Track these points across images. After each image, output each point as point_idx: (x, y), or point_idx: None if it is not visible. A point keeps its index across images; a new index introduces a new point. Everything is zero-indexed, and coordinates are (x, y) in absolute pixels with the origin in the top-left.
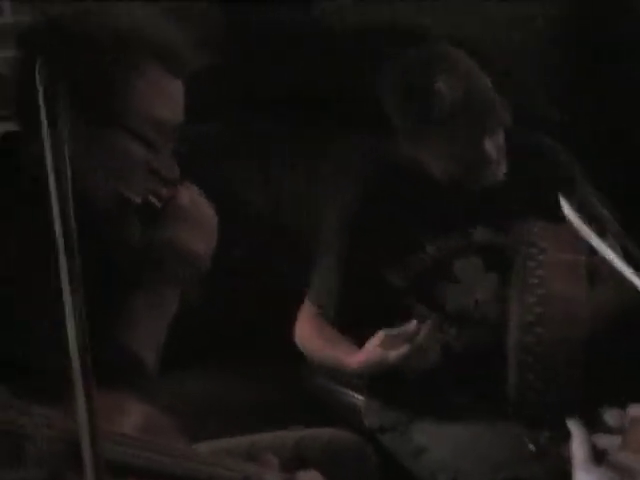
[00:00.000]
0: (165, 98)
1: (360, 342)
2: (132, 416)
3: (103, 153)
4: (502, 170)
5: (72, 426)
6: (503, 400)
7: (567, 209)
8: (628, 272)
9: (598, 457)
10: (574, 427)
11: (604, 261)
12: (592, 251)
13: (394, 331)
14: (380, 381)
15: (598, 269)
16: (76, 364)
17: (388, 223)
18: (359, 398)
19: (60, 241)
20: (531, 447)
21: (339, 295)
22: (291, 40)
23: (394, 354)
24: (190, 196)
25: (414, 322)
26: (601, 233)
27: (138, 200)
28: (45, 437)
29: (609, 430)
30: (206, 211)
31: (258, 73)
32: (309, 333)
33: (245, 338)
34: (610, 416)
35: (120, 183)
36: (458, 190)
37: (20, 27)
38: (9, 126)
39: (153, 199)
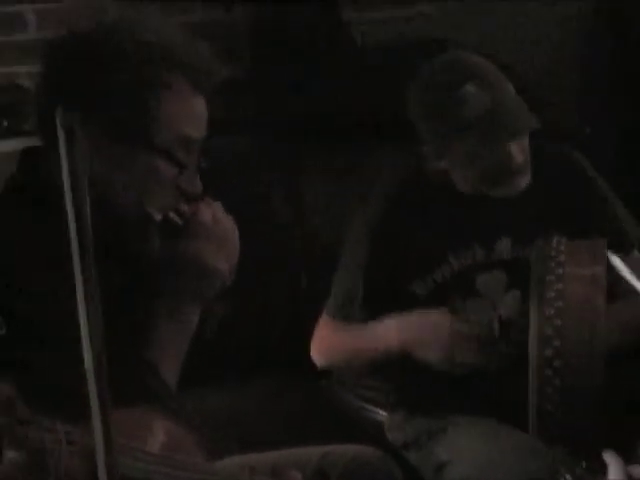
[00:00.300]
0: (192, 114)
1: None
2: (154, 432)
3: (130, 170)
4: (525, 180)
5: (91, 441)
6: (525, 414)
7: (616, 262)
8: None
9: None
10: (610, 458)
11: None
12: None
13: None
14: (403, 394)
15: (618, 284)
16: (91, 381)
17: (412, 234)
18: (382, 414)
19: (76, 256)
20: (568, 478)
21: (361, 303)
22: (319, 55)
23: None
24: (212, 212)
25: None
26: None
27: (159, 217)
28: (66, 453)
29: None
30: (228, 226)
31: (284, 87)
32: (329, 338)
33: (267, 353)
34: None
35: (144, 198)
36: (482, 202)
37: (44, 42)
38: (32, 141)
39: (174, 215)
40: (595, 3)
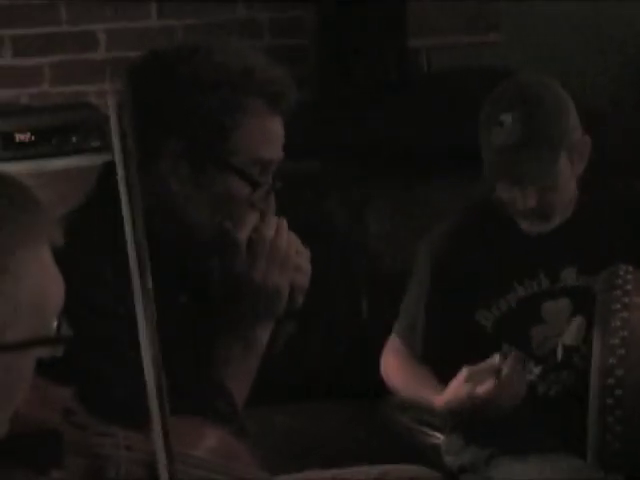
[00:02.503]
0: (269, 136)
1: (445, 380)
2: (207, 439)
3: (206, 189)
4: (557, 219)
5: (150, 448)
6: (583, 444)
7: None
8: None
9: None
10: None
11: None
12: None
13: (478, 367)
14: (462, 419)
15: None
16: (152, 394)
17: (477, 264)
18: (439, 437)
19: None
20: None
21: (424, 331)
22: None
23: (481, 389)
24: (283, 232)
25: (497, 356)
26: None
27: (243, 237)
28: (125, 459)
29: None
30: (298, 248)
31: (352, 114)
32: (395, 367)
33: (329, 376)
34: None
35: (226, 219)
36: (546, 234)
37: (125, 61)
38: (100, 158)
39: (252, 234)
40: None
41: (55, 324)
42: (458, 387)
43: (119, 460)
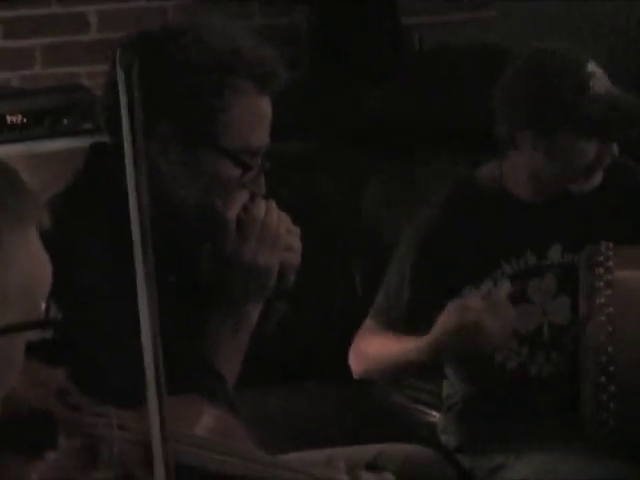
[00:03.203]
0: (258, 117)
1: None
2: (204, 418)
3: (195, 170)
4: (594, 182)
5: (144, 428)
6: (579, 422)
7: None
8: None
9: None
10: None
11: None
12: None
13: (466, 297)
14: (458, 398)
15: None
16: (150, 372)
17: (463, 241)
18: (435, 415)
19: (137, 250)
20: None
21: (408, 309)
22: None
23: (470, 314)
24: (266, 210)
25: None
26: None
27: (232, 215)
28: (119, 439)
29: None
30: (289, 226)
31: (343, 92)
32: (369, 340)
33: (323, 356)
34: None
35: (209, 198)
36: (535, 208)
37: (113, 42)
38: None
39: (242, 214)
40: None
41: (43, 307)
42: (446, 319)
43: (112, 440)
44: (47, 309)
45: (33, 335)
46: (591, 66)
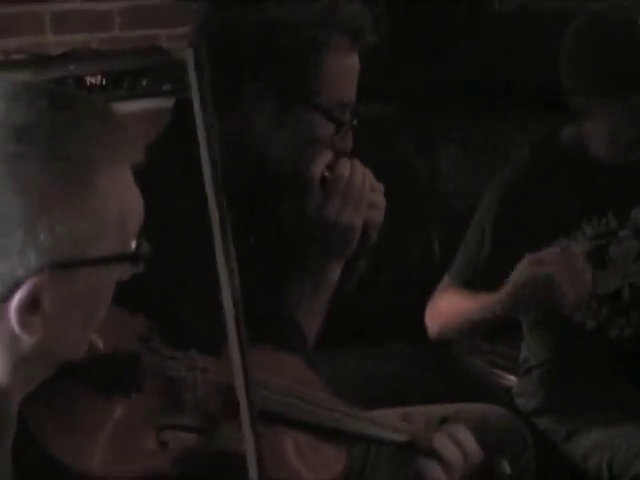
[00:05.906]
0: (350, 74)
1: None
2: (286, 368)
3: (290, 128)
4: None
5: (227, 372)
6: None
7: None
8: None
9: None
10: None
11: None
12: None
13: (543, 251)
14: (535, 361)
15: None
16: (231, 323)
17: (543, 201)
18: (511, 379)
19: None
20: None
21: (487, 266)
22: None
23: (546, 266)
24: (358, 170)
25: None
26: None
27: (317, 174)
28: (201, 382)
29: None
30: (373, 184)
31: (422, 54)
32: (446, 298)
33: (401, 318)
34: None
35: (302, 157)
36: (617, 169)
37: (182, 7)
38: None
39: (326, 172)
40: None
41: (134, 244)
42: (520, 271)
43: (195, 383)
44: (137, 247)
45: (124, 272)
46: None
